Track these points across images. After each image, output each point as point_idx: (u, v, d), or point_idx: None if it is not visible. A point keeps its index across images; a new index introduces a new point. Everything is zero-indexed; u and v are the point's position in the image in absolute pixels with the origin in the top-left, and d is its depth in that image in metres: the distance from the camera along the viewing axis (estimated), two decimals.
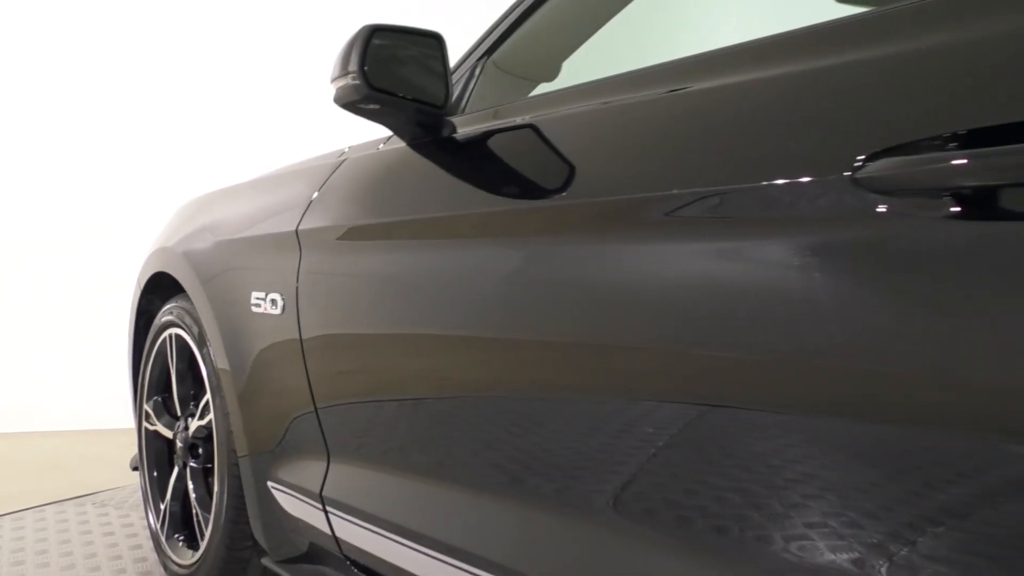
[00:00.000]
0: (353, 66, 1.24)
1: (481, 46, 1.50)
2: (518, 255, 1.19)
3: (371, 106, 1.29)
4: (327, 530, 1.60)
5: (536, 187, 1.22)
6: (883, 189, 0.76)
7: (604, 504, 1.04)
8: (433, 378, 1.37)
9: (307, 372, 1.62)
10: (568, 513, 1.11)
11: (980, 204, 0.71)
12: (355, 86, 1.25)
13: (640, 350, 0.98)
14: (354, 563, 1.60)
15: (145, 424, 2.31)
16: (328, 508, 1.58)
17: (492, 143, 1.31)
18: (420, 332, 1.38)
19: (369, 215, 1.53)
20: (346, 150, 1.71)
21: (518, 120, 1.28)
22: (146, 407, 2.31)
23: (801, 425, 0.83)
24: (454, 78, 1.51)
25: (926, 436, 0.74)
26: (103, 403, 4.14)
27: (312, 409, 1.62)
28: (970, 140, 0.72)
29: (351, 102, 1.29)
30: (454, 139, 1.38)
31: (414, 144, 1.43)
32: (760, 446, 0.86)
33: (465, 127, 1.38)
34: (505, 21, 1.47)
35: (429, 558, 1.33)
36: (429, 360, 1.37)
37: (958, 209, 0.71)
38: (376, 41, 1.25)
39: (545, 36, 1.49)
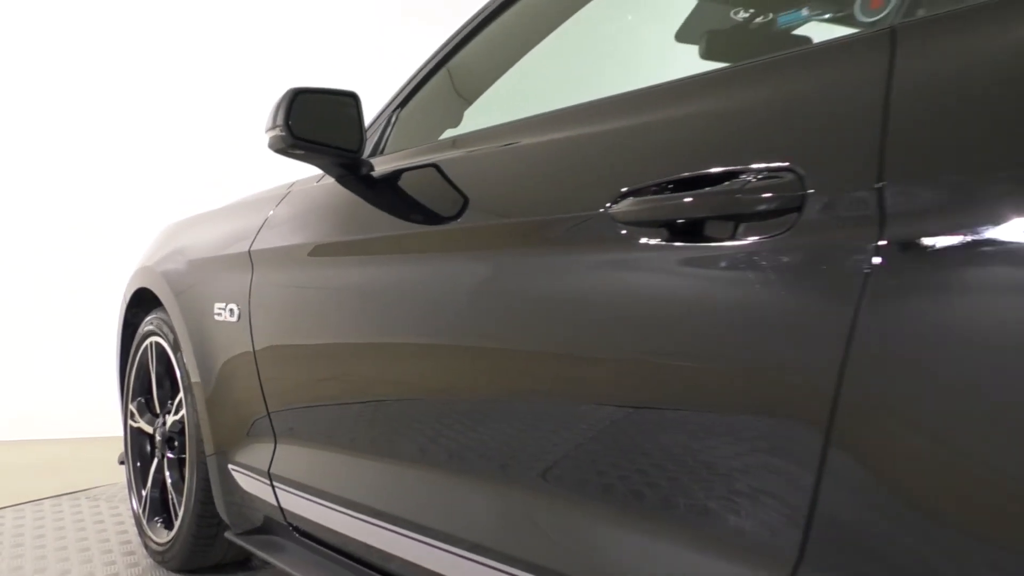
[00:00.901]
0: (280, 120, 1.56)
1: (396, 99, 1.82)
2: (421, 269, 1.50)
3: (297, 152, 1.61)
4: (274, 502, 1.91)
5: (435, 214, 1.53)
6: (626, 221, 1.07)
7: (498, 461, 1.33)
8: (356, 373, 1.68)
9: (257, 369, 1.93)
10: (457, 471, 1.41)
11: (684, 232, 1.02)
12: (282, 136, 1.57)
13: (517, 342, 1.28)
14: (295, 529, 1.91)
15: (130, 422, 2.62)
16: (275, 483, 1.89)
17: (402, 179, 1.63)
18: (346, 334, 1.69)
19: (306, 238, 1.84)
20: (292, 184, 2.03)
21: (424, 160, 1.59)
22: (131, 407, 2.62)
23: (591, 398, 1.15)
24: (377, 124, 1.83)
25: (640, 413, 1.05)
26: (103, 411, 4.42)
27: (262, 400, 1.93)
28: (670, 188, 1.03)
29: (280, 149, 1.61)
30: (371, 176, 1.70)
31: (340, 180, 1.75)
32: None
33: (381, 166, 1.70)
34: (415, 79, 1.80)
35: (353, 519, 1.64)
36: (353, 358, 1.68)
37: (670, 237, 1.03)
38: (300, 100, 1.58)
39: (447, 91, 1.81)
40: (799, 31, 1.63)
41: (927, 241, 0.79)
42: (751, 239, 0.93)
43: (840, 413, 0.84)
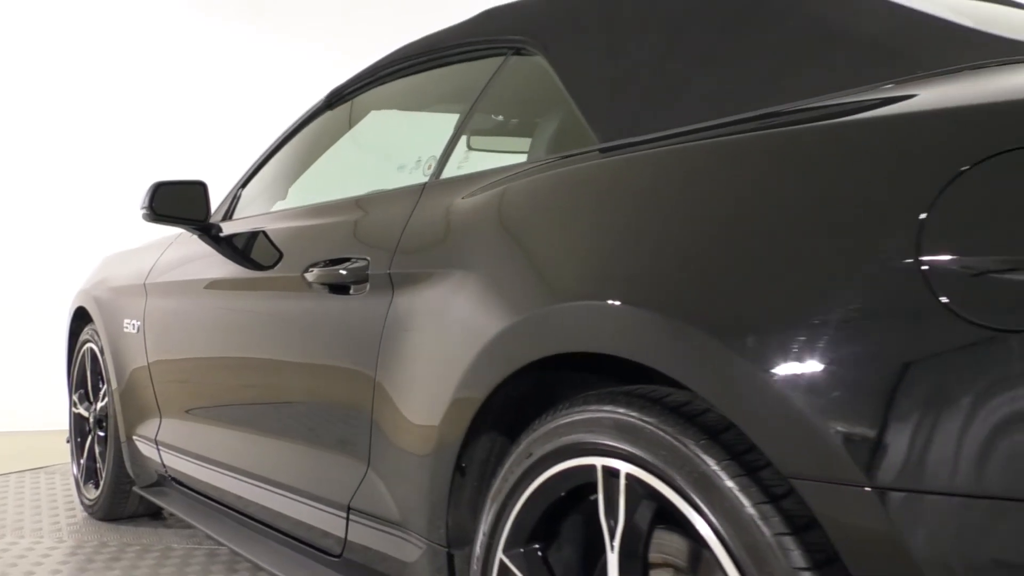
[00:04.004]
0: (146, 204, 2.36)
1: (243, 178, 2.63)
2: (240, 302, 2.29)
3: (161, 222, 2.42)
4: (159, 460, 2.71)
5: (251, 264, 2.33)
6: (323, 283, 1.87)
7: (269, 428, 2.13)
8: (208, 370, 2.47)
9: (149, 367, 2.73)
10: (259, 432, 2.21)
11: (332, 287, 1.82)
12: (146, 213, 2.37)
13: (276, 350, 2.08)
14: (173, 479, 2.72)
15: (73, 409, 3.43)
16: (160, 447, 2.69)
17: (235, 239, 2.42)
18: (201, 344, 2.49)
19: (178, 276, 2.64)
20: (178, 234, 2.83)
21: (250, 227, 2.39)
22: (74, 397, 3.42)
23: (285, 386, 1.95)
24: (229, 195, 2.64)
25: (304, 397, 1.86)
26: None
27: (152, 389, 2.73)
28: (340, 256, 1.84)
29: (149, 221, 2.41)
30: (219, 235, 2.50)
31: (200, 238, 2.55)
32: (278, 393, 1.98)
33: (227, 229, 2.50)
34: (254, 165, 2.60)
35: (208, 470, 2.43)
36: (205, 361, 2.48)
37: (328, 291, 1.83)
38: (161, 189, 2.38)
39: (276, 174, 2.61)
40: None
41: (408, 299, 1.60)
42: (352, 294, 1.74)
43: (377, 388, 1.64)
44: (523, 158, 1.79)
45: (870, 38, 1.28)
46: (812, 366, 0.90)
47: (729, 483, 0.99)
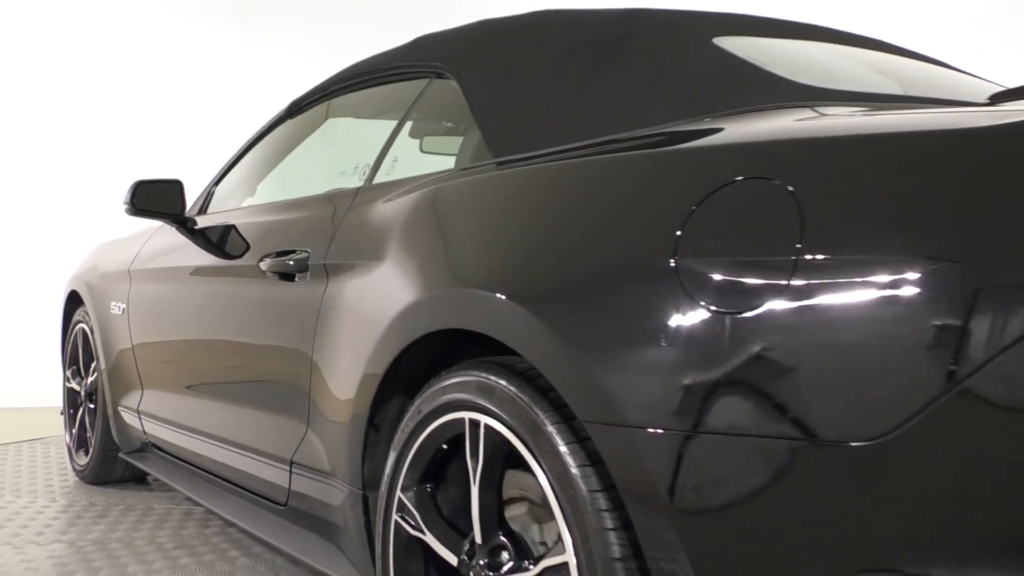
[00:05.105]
0: (127, 200, 2.67)
1: (216, 176, 2.93)
2: (208, 287, 2.60)
3: (142, 216, 2.72)
4: (141, 428, 3.03)
5: (224, 253, 2.63)
6: (263, 268, 2.18)
7: (230, 396, 2.44)
8: (183, 348, 2.78)
9: (132, 345, 3.04)
10: (224, 404, 2.52)
11: (281, 276, 2.13)
12: (128, 208, 2.68)
13: (237, 329, 2.39)
14: (154, 445, 3.03)
15: (66, 384, 3.74)
16: (142, 416, 3.01)
17: (208, 231, 2.73)
18: (177, 324, 2.80)
19: (158, 264, 2.95)
20: (160, 226, 3.13)
21: (228, 220, 2.69)
22: (67, 373, 3.74)
23: (246, 365, 2.26)
24: (205, 191, 2.94)
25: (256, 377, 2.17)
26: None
27: (135, 365, 3.04)
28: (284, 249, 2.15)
29: (131, 215, 2.71)
30: (195, 228, 2.80)
31: (177, 230, 2.85)
32: (242, 371, 2.29)
33: (201, 222, 2.80)
34: (230, 161, 2.91)
35: (182, 435, 2.75)
36: (181, 339, 2.79)
37: (278, 279, 2.13)
38: (141, 187, 2.68)
39: (247, 172, 2.91)
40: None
41: (338, 286, 1.90)
42: (296, 281, 2.04)
43: (313, 361, 1.95)
44: (446, 165, 2.09)
45: (698, 80, 1.58)
46: (599, 339, 1.21)
47: (550, 428, 1.29)
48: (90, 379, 3.50)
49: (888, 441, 0.96)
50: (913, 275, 0.97)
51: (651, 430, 1.13)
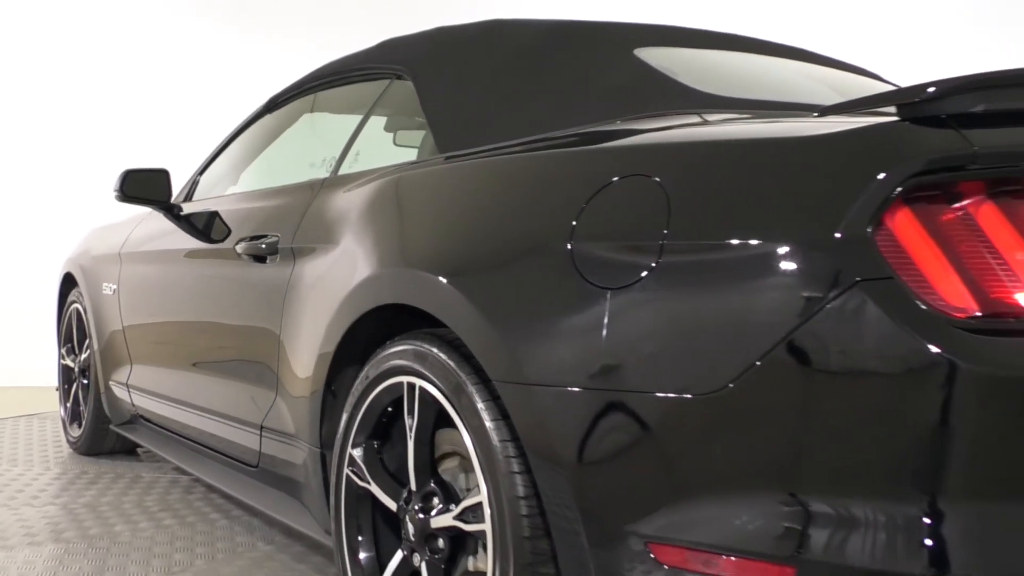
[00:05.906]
0: (117, 187, 2.87)
1: (201, 166, 3.14)
2: (194, 269, 2.81)
3: (130, 202, 2.93)
4: (130, 401, 3.24)
5: (206, 237, 2.84)
6: (239, 251, 2.38)
7: (210, 369, 2.65)
8: (169, 326, 2.99)
9: (122, 324, 3.25)
10: (205, 377, 2.73)
11: (255, 258, 2.33)
12: (117, 195, 2.88)
13: (216, 307, 2.60)
14: (141, 417, 3.25)
15: (61, 360, 3.96)
16: (131, 389, 3.22)
17: (193, 217, 2.93)
18: (163, 305, 3.01)
19: (146, 247, 3.16)
20: (149, 212, 3.34)
21: (210, 206, 2.90)
22: (62, 350, 3.95)
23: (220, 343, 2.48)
24: (190, 180, 3.15)
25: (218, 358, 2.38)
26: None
27: (125, 342, 3.25)
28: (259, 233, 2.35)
29: (120, 201, 2.92)
30: (180, 214, 3.01)
31: (164, 216, 3.06)
32: (218, 351, 2.50)
33: (187, 208, 3.01)
34: (214, 151, 3.11)
35: (167, 405, 2.96)
36: (167, 318, 3.00)
37: (254, 260, 2.34)
38: (130, 175, 2.89)
39: (229, 163, 3.12)
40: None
41: (302, 268, 2.10)
42: (267, 263, 2.25)
43: (281, 335, 2.16)
44: (406, 159, 2.30)
45: (615, 87, 1.79)
46: (507, 311, 1.42)
47: (471, 388, 1.50)
48: (83, 356, 3.71)
49: (724, 394, 1.17)
50: (748, 255, 1.18)
51: (544, 387, 1.35)
